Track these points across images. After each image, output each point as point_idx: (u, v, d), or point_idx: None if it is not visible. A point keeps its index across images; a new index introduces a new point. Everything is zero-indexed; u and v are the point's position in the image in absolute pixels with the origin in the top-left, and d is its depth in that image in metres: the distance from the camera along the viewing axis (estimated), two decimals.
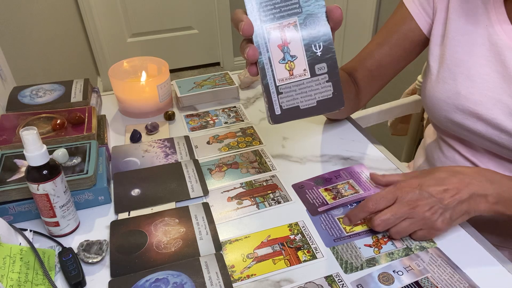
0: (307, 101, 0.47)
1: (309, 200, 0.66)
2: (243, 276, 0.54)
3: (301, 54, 0.46)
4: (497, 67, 0.61)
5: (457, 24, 0.65)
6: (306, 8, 0.45)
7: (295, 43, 0.46)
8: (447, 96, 0.66)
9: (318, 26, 0.45)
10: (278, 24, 0.45)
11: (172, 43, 2.73)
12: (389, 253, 0.57)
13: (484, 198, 0.56)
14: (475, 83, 0.63)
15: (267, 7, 0.45)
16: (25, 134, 0.51)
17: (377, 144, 0.79)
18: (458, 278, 0.53)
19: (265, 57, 0.45)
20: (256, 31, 0.45)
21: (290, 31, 0.45)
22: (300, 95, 0.47)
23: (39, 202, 0.56)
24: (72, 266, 0.54)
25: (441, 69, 0.67)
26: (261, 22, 0.45)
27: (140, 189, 0.68)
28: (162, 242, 0.59)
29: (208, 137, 0.83)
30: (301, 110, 0.47)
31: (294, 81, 0.46)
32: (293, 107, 0.47)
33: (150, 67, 0.94)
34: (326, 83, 0.47)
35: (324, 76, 0.46)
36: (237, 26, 0.45)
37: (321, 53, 0.46)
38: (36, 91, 0.87)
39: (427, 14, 0.70)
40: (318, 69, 0.46)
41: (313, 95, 0.47)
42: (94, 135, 0.74)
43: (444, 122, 0.69)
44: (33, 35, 1.49)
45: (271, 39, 0.45)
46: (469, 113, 0.64)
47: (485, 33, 0.62)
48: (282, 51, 0.46)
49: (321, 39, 0.46)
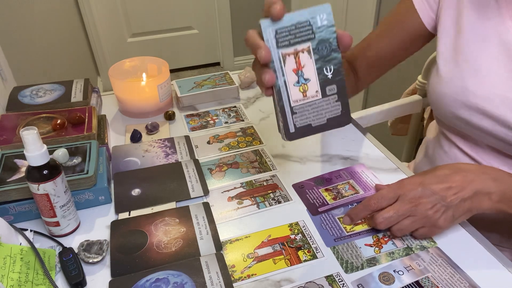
0: (318, 119, 0.50)
1: (310, 200, 0.66)
2: (243, 275, 0.54)
3: (313, 77, 0.49)
4: (507, 64, 0.60)
5: (468, 19, 0.64)
6: (318, 34, 0.48)
7: (308, 67, 0.48)
8: (454, 91, 0.65)
9: (329, 51, 0.48)
10: (293, 50, 0.47)
11: (172, 43, 2.73)
12: (390, 252, 0.57)
13: (487, 196, 0.55)
14: (484, 79, 0.62)
15: (283, 34, 0.47)
16: (25, 134, 0.51)
17: (377, 144, 0.79)
18: (459, 278, 0.53)
19: (281, 81, 0.48)
20: (273, 56, 0.47)
21: (304, 56, 0.48)
22: (312, 114, 0.50)
23: (40, 202, 0.56)
24: (73, 266, 0.54)
25: (449, 64, 0.66)
26: (277, 47, 0.47)
27: (140, 189, 0.68)
28: (163, 242, 0.59)
29: (208, 137, 0.83)
30: (313, 128, 0.51)
31: (307, 102, 0.49)
32: (305, 125, 0.50)
33: (150, 67, 0.94)
34: (335, 102, 0.50)
35: (334, 96, 0.50)
36: (254, 52, 0.46)
37: (331, 76, 0.49)
38: (36, 91, 0.87)
39: (431, 9, 0.69)
40: (329, 90, 0.50)
41: (323, 113, 0.50)
42: (94, 135, 0.74)
43: (450, 118, 0.68)
44: (34, 35, 1.49)
45: (286, 63, 0.48)
46: (476, 110, 0.63)
47: (496, 29, 0.62)
48: (296, 75, 0.48)
49: (332, 62, 0.49)
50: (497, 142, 0.64)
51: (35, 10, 1.54)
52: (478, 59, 0.63)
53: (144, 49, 2.67)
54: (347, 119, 0.51)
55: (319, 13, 0.47)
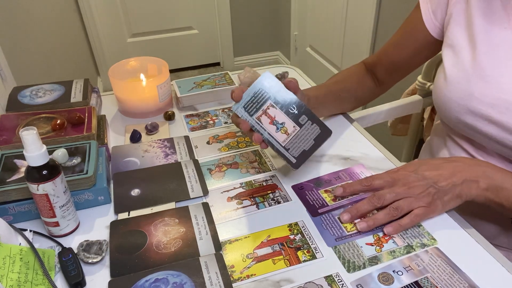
0: (307, 144, 0.65)
1: (309, 201, 0.66)
2: (243, 276, 0.54)
3: (286, 119, 0.64)
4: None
5: (476, 26, 0.65)
6: (271, 92, 0.64)
7: (278, 115, 0.64)
8: (459, 97, 0.65)
9: (284, 97, 0.64)
10: (261, 111, 0.64)
11: (172, 43, 2.73)
12: (391, 251, 0.57)
13: (475, 184, 0.59)
14: (489, 84, 0.62)
15: (249, 106, 0.64)
16: (25, 134, 0.51)
17: (377, 144, 0.79)
18: (458, 278, 0.53)
19: (266, 134, 0.64)
20: (251, 122, 0.64)
21: (271, 110, 0.64)
22: (301, 142, 0.65)
23: (39, 202, 0.56)
24: (72, 266, 0.54)
25: (454, 69, 0.67)
26: (250, 116, 0.64)
27: (140, 189, 0.68)
28: (162, 242, 0.59)
29: (208, 137, 0.83)
30: (307, 151, 0.65)
31: (292, 137, 0.64)
32: (301, 152, 0.65)
33: (150, 67, 0.94)
34: (311, 125, 0.64)
35: (308, 122, 0.64)
36: (238, 127, 0.65)
37: (297, 111, 0.64)
38: (36, 91, 0.87)
39: (436, 19, 0.72)
40: (301, 120, 0.64)
41: (309, 137, 0.65)
42: (94, 135, 0.74)
43: (454, 122, 0.69)
44: (34, 35, 1.49)
45: (262, 121, 0.64)
46: (481, 116, 0.63)
47: (502, 35, 0.62)
48: (274, 124, 0.64)
49: (291, 102, 0.64)
50: (502, 148, 0.64)
51: (35, 10, 1.54)
52: (484, 65, 0.63)
53: (144, 49, 2.67)
54: (328, 132, 0.65)
55: (264, 80, 0.63)
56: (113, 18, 2.51)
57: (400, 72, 0.83)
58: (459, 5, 0.68)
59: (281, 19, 2.75)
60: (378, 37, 1.71)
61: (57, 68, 1.72)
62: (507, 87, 0.61)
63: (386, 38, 1.60)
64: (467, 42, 0.66)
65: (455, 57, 0.67)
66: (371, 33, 1.70)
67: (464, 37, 0.66)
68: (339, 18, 1.96)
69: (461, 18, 0.67)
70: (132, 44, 2.65)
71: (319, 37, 2.28)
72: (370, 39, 1.73)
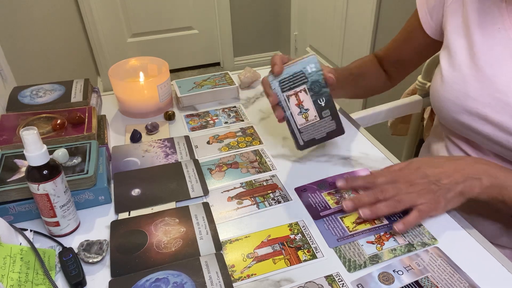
0: (319, 134, 0.70)
1: (312, 204, 0.66)
2: (243, 275, 0.54)
3: (311, 106, 0.68)
4: (508, 70, 0.61)
5: (472, 26, 0.65)
6: (310, 78, 0.67)
7: (306, 101, 0.68)
8: (456, 96, 0.66)
9: (320, 88, 0.67)
10: (293, 92, 0.67)
11: (172, 43, 2.73)
12: (392, 249, 0.57)
13: (478, 181, 0.58)
14: (485, 84, 0.63)
15: (285, 83, 0.67)
16: (25, 134, 0.51)
17: (377, 144, 0.79)
18: (458, 278, 0.53)
19: (288, 113, 0.68)
20: (280, 98, 0.67)
21: (302, 94, 0.67)
22: (315, 131, 0.70)
23: (40, 202, 0.57)
24: (73, 266, 0.54)
25: (450, 69, 0.67)
26: (282, 92, 0.67)
27: (140, 189, 0.68)
28: (162, 242, 0.59)
29: (208, 137, 0.83)
30: (316, 140, 0.70)
31: (309, 124, 0.69)
32: (310, 139, 0.70)
33: (150, 67, 0.94)
34: (331, 121, 0.69)
35: (329, 117, 0.69)
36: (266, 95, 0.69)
37: (324, 104, 0.68)
38: (36, 91, 0.87)
39: (432, 20, 0.74)
40: (324, 113, 0.68)
41: (323, 130, 0.70)
42: (94, 135, 0.74)
43: (451, 123, 0.69)
44: (34, 35, 1.49)
45: (290, 101, 0.68)
46: (477, 115, 0.64)
47: (497, 36, 0.63)
48: (298, 107, 0.68)
49: (323, 95, 0.67)
50: (499, 148, 0.64)
51: (35, 10, 1.54)
52: (480, 65, 0.63)
53: (144, 49, 2.67)
54: (341, 131, 0.70)
55: (308, 64, 0.66)
56: (113, 18, 2.51)
57: (405, 68, 0.85)
58: (455, 6, 0.68)
59: (281, 19, 2.75)
60: (378, 37, 1.71)
61: (57, 68, 1.72)
62: (503, 87, 0.61)
63: (386, 38, 1.60)
64: (462, 42, 0.66)
65: (451, 57, 0.68)
66: (371, 33, 1.70)
67: (460, 38, 0.67)
68: (339, 18, 1.96)
69: (457, 19, 0.68)
70: (132, 44, 2.65)
71: (319, 37, 2.28)
72: (370, 39, 1.73)
